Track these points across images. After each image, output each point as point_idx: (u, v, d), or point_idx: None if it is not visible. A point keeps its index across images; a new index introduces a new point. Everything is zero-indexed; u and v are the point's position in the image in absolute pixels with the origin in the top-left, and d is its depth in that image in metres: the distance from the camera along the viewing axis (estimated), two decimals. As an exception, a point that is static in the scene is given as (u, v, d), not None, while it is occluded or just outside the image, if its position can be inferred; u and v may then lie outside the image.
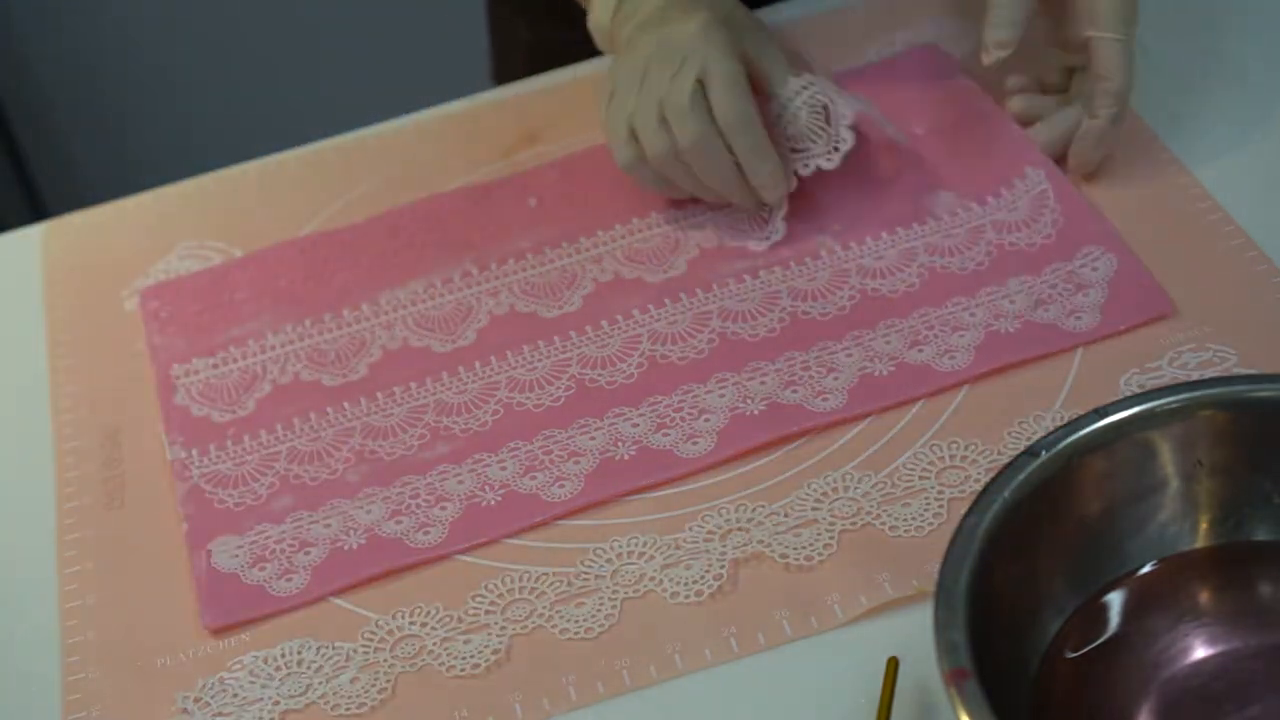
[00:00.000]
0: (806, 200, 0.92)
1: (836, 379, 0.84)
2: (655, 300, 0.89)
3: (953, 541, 0.65)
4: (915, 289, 0.87)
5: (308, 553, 0.81)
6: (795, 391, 0.83)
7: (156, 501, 0.85)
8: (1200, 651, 0.68)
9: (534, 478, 0.82)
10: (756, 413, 0.83)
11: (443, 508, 0.82)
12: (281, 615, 0.79)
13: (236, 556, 0.81)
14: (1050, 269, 0.87)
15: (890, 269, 0.89)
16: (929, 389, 0.83)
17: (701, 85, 0.86)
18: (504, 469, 0.83)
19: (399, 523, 0.81)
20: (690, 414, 0.84)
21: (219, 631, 0.78)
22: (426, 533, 0.81)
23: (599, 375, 0.86)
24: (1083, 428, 0.69)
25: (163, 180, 1.06)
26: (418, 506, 0.82)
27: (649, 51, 0.88)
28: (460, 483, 0.83)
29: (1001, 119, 0.96)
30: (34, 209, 2.06)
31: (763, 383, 0.84)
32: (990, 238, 0.89)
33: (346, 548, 0.81)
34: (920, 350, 0.84)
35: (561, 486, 0.81)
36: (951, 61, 1.01)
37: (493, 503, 0.81)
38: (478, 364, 0.88)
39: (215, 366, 0.90)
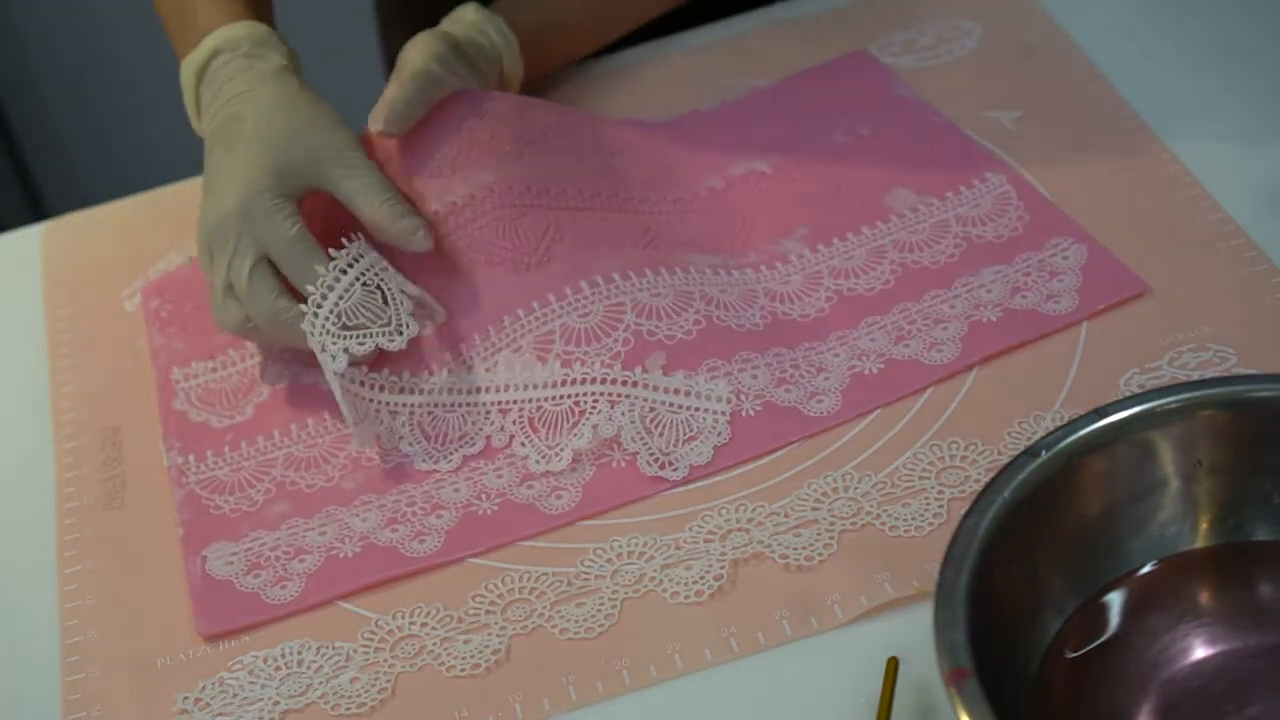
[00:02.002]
0: (767, 210, 0.92)
1: (827, 379, 0.83)
2: (638, 269, 0.87)
3: (953, 541, 0.65)
4: (891, 285, 0.87)
5: (302, 560, 0.80)
6: (789, 391, 0.83)
7: (156, 501, 0.85)
8: (1200, 651, 0.68)
9: (531, 487, 0.82)
10: (752, 413, 0.82)
11: (439, 516, 0.81)
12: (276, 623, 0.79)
13: (231, 563, 0.81)
14: (1021, 258, 0.87)
15: (862, 269, 0.88)
16: (921, 383, 0.82)
17: (266, 260, 0.83)
18: (500, 478, 0.82)
19: (394, 531, 0.81)
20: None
21: (213, 638, 0.78)
22: (422, 541, 0.80)
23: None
24: (1083, 428, 0.69)
25: (163, 180, 1.06)
26: (414, 515, 0.81)
27: (208, 209, 0.85)
28: (456, 491, 0.82)
29: (949, 126, 0.96)
30: (34, 209, 2.06)
31: (755, 377, 0.84)
32: (956, 231, 0.89)
33: (341, 555, 0.80)
34: (906, 345, 0.84)
35: (559, 497, 0.81)
36: (884, 69, 1.01)
37: (489, 512, 0.81)
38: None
39: (214, 370, 0.90)
